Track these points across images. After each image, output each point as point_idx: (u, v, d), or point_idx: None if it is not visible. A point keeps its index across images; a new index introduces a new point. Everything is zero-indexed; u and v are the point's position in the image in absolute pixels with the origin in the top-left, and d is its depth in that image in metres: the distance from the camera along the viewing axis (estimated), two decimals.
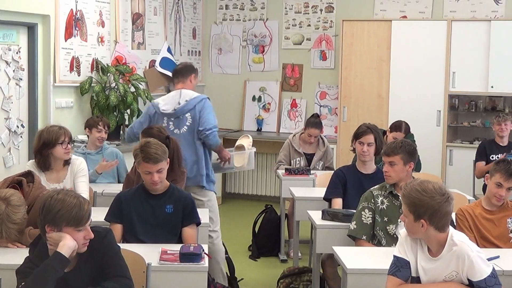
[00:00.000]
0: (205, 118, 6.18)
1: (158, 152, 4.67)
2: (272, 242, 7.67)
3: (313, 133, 7.88)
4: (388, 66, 9.52)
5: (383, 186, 5.03)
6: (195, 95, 6.30)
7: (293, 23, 10.55)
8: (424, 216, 3.61)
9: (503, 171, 4.89)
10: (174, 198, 4.77)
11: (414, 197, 3.64)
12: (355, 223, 4.95)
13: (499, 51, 9.02)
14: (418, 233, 3.68)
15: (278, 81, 10.68)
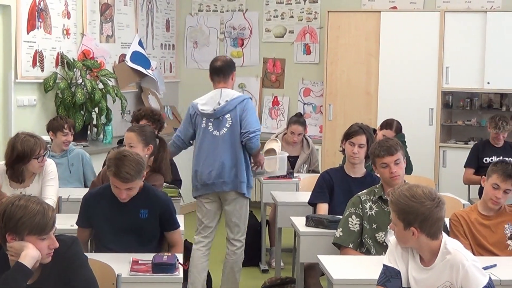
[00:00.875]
0: (248, 120, 6.17)
1: (130, 172, 4.53)
2: (252, 251, 7.65)
3: (297, 130, 7.90)
4: (376, 61, 9.55)
5: (371, 190, 5.03)
6: (237, 95, 6.32)
7: (275, 15, 10.56)
8: (414, 223, 3.63)
9: (500, 172, 4.92)
10: (150, 202, 4.70)
11: (403, 203, 3.65)
12: (341, 230, 4.95)
13: (496, 44, 9.07)
14: (409, 241, 3.70)
15: (259, 77, 10.69)
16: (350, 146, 5.70)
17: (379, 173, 5.06)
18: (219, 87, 6.43)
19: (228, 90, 6.38)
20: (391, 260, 3.79)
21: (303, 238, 5.28)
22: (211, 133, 6.20)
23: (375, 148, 5.07)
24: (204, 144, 6.26)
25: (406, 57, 9.41)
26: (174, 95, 10.78)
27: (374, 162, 5.07)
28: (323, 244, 5.15)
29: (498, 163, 5.06)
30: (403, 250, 3.77)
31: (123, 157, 4.58)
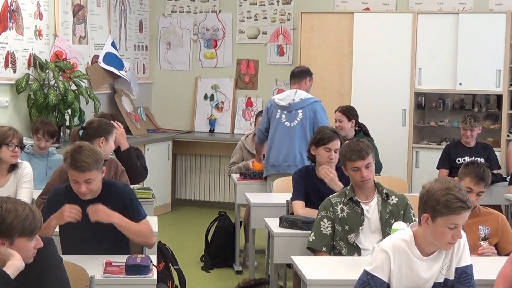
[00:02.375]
0: (323, 121, 7.26)
1: (87, 160, 4.45)
2: (226, 252, 7.67)
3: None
4: (350, 62, 9.57)
5: (342, 192, 5.03)
6: (309, 96, 7.46)
7: (248, 16, 10.56)
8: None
9: (473, 175, 4.93)
10: (112, 197, 4.61)
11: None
12: (314, 234, 4.93)
13: (468, 45, 9.12)
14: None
15: (232, 78, 10.68)
16: (327, 152, 5.72)
17: (349, 176, 5.03)
18: (294, 88, 7.54)
19: (302, 91, 7.47)
20: (378, 270, 3.76)
21: (276, 239, 5.28)
22: (283, 124, 7.36)
23: (346, 151, 5.03)
24: (274, 132, 7.38)
25: (379, 58, 9.44)
26: (147, 96, 10.75)
27: (344, 165, 5.05)
28: (297, 245, 5.15)
29: (469, 165, 5.07)
30: (396, 256, 3.77)
31: (79, 148, 4.53)
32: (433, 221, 3.68)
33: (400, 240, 3.80)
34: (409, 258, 3.76)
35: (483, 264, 4.50)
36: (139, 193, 5.97)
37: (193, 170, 10.66)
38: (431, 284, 3.80)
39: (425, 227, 3.72)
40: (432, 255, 3.79)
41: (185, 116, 10.83)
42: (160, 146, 9.96)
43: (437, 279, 3.82)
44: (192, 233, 8.96)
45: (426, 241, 3.76)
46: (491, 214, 5.07)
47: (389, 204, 4.92)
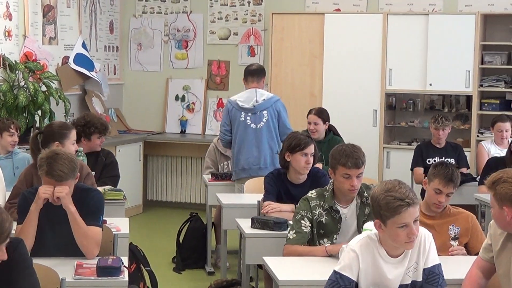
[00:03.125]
0: (285, 120, 7.41)
1: (64, 170, 4.41)
2: (197, 253, 7.66)
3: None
4: (321, 63, 9.60)
5: (321, 195, 4.95)
6: (271, 95, 7.55)
7: (219, 17, 10.55)
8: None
9: (442, 177, 4.96)
10: (82, 203, 4.55)
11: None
12: (295, 232, 4.86)
13: (438, 46, 9.18)
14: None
15: (203, 79, 10.67)
16: (303, 157, 5.71)
17: (336, 181, 4.90)
18: (253, 87, 7.49)
19: (262, 90, 7.51)
20: (347, 269, 3.77)
21: (248, 240, 5.29)
22: (249, 126, 7.36)
23: (341, 155, 4.86)
24: (241, 135, 7.35)
25: (350, 59, 9.47)
26: (118, 98, 10.71)
27: (334, 168, 4.89)
28: (269, 246, 5.16)
29: (437, 166, 5.09)
30: (367, 255, 3.79)
31: (55, 155, 4.46)
32: (384, 225, 3.72)
33: (367, 240, 3.83)
34: (376, 258, 3.79)
35: (453, 263, 4.53)
36: (110, 194, 5.95)
37: (164, 171, 10.64)
38: (397, 285, 3.82)
39: (381, 232, 3.75)
40: (398, 257, 3.81)
41: (156, 117, 10.81)
42: (131, 147, 9.93)
43: (404, 281, 3.84)
44: (164, 234, 8.94)
45: (388, 244, 3.80)
46: (461, 214, 5.10)
47: (368, 207, 4.88)
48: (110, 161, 6.68)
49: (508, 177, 3.80)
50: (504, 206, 3.79)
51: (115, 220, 5.29)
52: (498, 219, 3.87)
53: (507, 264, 3.92)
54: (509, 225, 3.83)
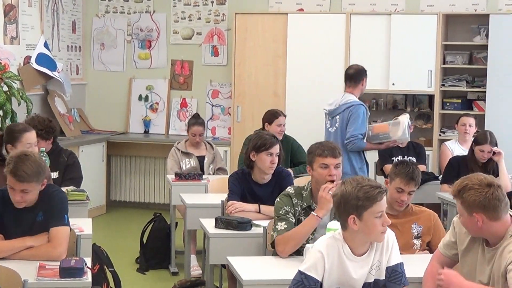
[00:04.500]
0: (350, 125, 7.28)
1: (28, 171, 4.38)
2: (161, 254, 7.64)
3: (197, 131, 8.03)
4: (284, 62, 9.62)
5: (299, 194, 4.90)
6: (351, 101, 7.33)
7: (182, 16, 10.53)
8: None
9: (403, 175, 5.00)
10: (46, 207, 4.54)
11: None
12: (285, 223, 4.74)
13: (400, 46, 9.23)
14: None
15: (167, 79, 10.64)
16: (268, 157, 5.71)
17: (315, 175, 4.88)
18: (347, 91, 7.51)
19: (349, 94, 7.41)
20: (312, 269, 3.78)
21: (212, 240, 5.28)
22: (327, 129, 7.52)
23: (317, 147, 4.91)
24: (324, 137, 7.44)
25: (313, 58, 9.50)
26: (81, 98, 10.65)
27: (312, 162, 4.89)
28: (233, 246, 5.16)
29: (398, 165, 5.14)
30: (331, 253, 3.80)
31: (24, 156, 4.46)
32: (360, 219, 3.73)
33: (332, 239, 3.84)
34: (341, 257, 3.80)
35: (416, 262, 4.56)
36: (73, 195, 5.92)
37: (128, 171, 10.60)
38: (361, 284, 3.84)
39: (354, 229, 3.76)
40: (362, 256, 3.83)
41: (120, 117, 10.76)
42: (94, 148, 9.88)
43: (368, 279, 3.86)
44: (127, 234, 8.91)
45: (356, 241, 3.82)
46: (423, 213, 5.14)
47: None
48: (73, 162, 6.63)
49: (474, 184, 3.84)
50: (474, 213, 3.82)
51: (78, 221, 5.25)
52: (469, 226, 3.90)
53: (473, 264, 3.96)
54: (481, 230, 3.87)
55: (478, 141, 7.29)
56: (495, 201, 3.79)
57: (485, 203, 3.79)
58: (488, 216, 3.80)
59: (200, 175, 7.42)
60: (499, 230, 3.84)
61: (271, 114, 8.04)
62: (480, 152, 7.24)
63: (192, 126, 8.06)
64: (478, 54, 9.29)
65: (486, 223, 3.82)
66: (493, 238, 3.87)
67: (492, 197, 3.79)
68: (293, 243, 4.62)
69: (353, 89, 7.43)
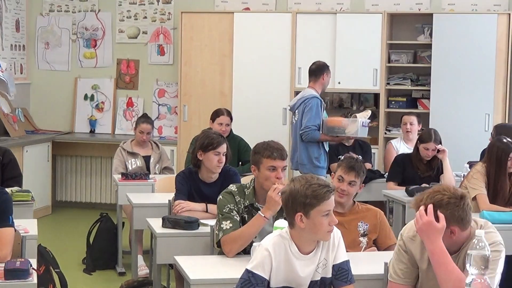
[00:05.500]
0: (304, 117, 7.70)
1: None
2: (108, 254, 7.59)
3: (146, 128, 8.00)
4: (230, 61, 9.62)
5: (241, 192, 4.89)
6: (306, 94, 7.81)
7: (128, 15, 10.47)
8: None
9: (344, 165, 5.09)
10: None
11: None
12: (230, 222, 4.72)
13: (345, 45, 9.29)
14: None
15: (113, 78, 10.57)
16: (215, 156, 5.71)
17: (261, 176, 4.84)
18: (308, 86, 7.97)
19: (308, 89, 7.90)
20: (259, 267, 3.77)
21: (159, 240, 5.26)
22: (294, 124, 7.96)
23: (266, 149, 4.85)
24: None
25: (259, 57, 9.52)
26: (25, 97, 10.53)
27: (259, 163, 4.85)
28: (180, 245, 5.15)
29: (344, 158, 5.24)
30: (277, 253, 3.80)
31: None
32: (307, 217, 3.74)
33: (279, 238, 3.85)
34: (288, 256, 3.81)
35: (362, 259, 4.60)
36: (17, 195, 5.85)
37: (73, 171, 10.51)
38: (308, 283, 3.86)
39: (301, 226, 3.77)
40: (309, 254, 3.85)
41: (65, 117, 10.67)
42: (39, 148, 9.78)
43: (314, 277, 3.88)
44: (74, 235, 8.84)
45: (302, 240, 3.83)
46: (369, 211, 5.18)
47: None
48: (9, 160, 6.48)
49: (449, 197, 3.76)
50: (451, 226, 3.75)
51: (23, 222, 5.19)
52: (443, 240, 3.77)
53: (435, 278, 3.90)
54: (452, 242, 3.80)
55: (423, 139, 7.37)
56: (468, 212, 3.76)
57: (462, 216, 3.74)
58: (461, 227, 3.77)
59: (146, 174, 7.39)
60: (464, 238, 3.81)
61: (214, 112, 8.07)
62: (424, 150, 7.32)
63: (142, 124, 8.03)
64: (422, 53, 9.40)
65: (458, 234, 3.78)
66: (455, 246, 3.83)
67: (467, 208, 3.75)
68: (240, 243, 4.62)
69: (314, 84, 7.90)
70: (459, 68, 9.07)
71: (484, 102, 9.04)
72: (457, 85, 9.09)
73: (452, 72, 9.09)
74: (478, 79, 9.04)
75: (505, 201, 6.26)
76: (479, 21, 9.12)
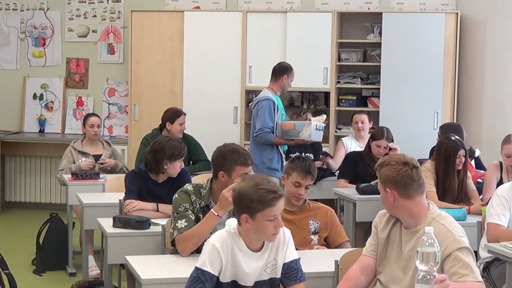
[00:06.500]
0: (258, 120, 7.67)
1: None
2: (59, 255, 7.54)
3: (95, 121, 7.95)
4: (181, 60, 9.60)
5: (197, 193, 4.84)
6: (261, 96, 7.76)
7: (77, 14, 10.39)
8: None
9: (300, 170, 5.07)
10: None
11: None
12: (185, 221, 4.69)
13: (296, 44, 9.33)
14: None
15: (62, 77, 10.49)
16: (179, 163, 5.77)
17: (230, 183, 4.68)
18: (267, 87, 7.88)
19: (265, 90, 7.82)
20: (208, 264, 3.77)
21: (110, 239, 5.23)
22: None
23: (238, 155, 4.75)
24: None
25: (210, 56, 9.51)
26: None
27: (231, 170, 4.73)
28: (131, 245, 5.13)
29: (294, 160, 5.21)
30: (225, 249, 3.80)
31: None
32: (252, 219, 3.75)
33: (227, 234, 3.85)
34: (235, 252, 3.81)
35: (313, 257, 4.62)
36: None
37: (23, 171, 10.41)
38: (253, 280, 3.84)
39: (246, 227, 3.78)
40: (258, 252, 3.85)
41: (14, 117, 10.55)
42: None
43: (262, 277, 3.87)
44: (23, 236, 8.76)
45: (249, 238, 3.84)
46: (320, 209, 5.20)
47: None
48: None
49: (392, 160, 3.93)
50: (388, 188, 3.90)
51: None
52: (383, 201, 3.96)
53: (391, 250, 3.97)
54: (394, 208, 3.92)
55: (375, 136, 7.43)
56: (407, 179, 3.85)
57: (397, 179, 3.86)
58: (399, 193, 3.86)
59: (97, 174, 7.35)
60: (413, 210, 3.89)
61: (173, 113, 7.98)
62: (376, 148, 7.37)
63: (90, 117, 8.00)
64: (372, 52, 9.47)
65: (398, 201, 3.87)
66: (408, 219, 3.91)
67: (405, 175, 3.85)
68: (194, 242, 4.58)
69: (273, 84, 7.81)
70: (408, 66, 9.16)
71: (433, 100, 9.13)
72: (407, 84, 9.17)
73: (401, 70, 9.17)
74: (427, 78, 9.13)
75: (454, 198, 6.34)
76: (427, 20, 9.22)
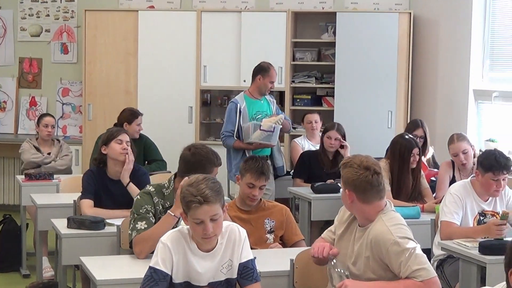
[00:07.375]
0: (224, 123, 7.75)
1: None
2: (12, 256, 7.47)
3: (49, 121, 7.91)
4: (135, 60, 9.56)
5: (160, 193, 4.83)
6: (233, 98, 7.85)
7: (30, 13, 10.30)
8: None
9: (253, 170, 5.07)
10: None
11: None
12: (145, 223, 4.65)
13: (251, 43, 9.34)
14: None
15: (15, 77, 10.39)
16: (118, 144, 5.71)
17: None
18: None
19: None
20: (160, 263, 3.75)
21: (65, 240, 5.20)
22: None
23: (212, 156, 4.86)
24: None
25: (165, 56, 9.49)
26: None
27: (209, 170, 4.73)
28: (86, 245, 5.10)
29: (248, 160, 5.21)
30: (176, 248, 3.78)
31: None
32: (187, 219, 3.76)
33: (178, 233, 3.83)
34: (186, 252, 3.79)
35: (268, 256, 4.64)
36: None
37: None
38: (207, 280, 3.82)
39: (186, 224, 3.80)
40: (209, 252, 3.82)
41: None
42: None
43: (218, 278, 3.85)
44: None
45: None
46: (275, 207, 5.22)
47: None
48: None
49: (354, 163, 3.94)
50: (347, 189, 3.94)
51: None
52: (343, 199, 4.02)
53: (346, 245, 4.02)
54: (351, 208, 3.98)
55: (326, 128, 7.50)
56: (366, 184, 3.88)
57: (357, 184, 3.89)
58: (357, 197, 3.90)
59: (51, 174, 7.28)
60: (369, 213, 3.93)
61: (131, 114, 7.92)
62: (327, 139, 7.40)
63: (45, 117, 7.97)
64: (326, 51, 9.51)
65: (355, 203, 3.92)
66: (363, 219, 3.96)
67: (364, 180, 3.88)
68: (151, 243, 4.41)
69: (251, 86, 7.82)
70: (363, 66, 9.21)
71: (387, 99, 9.20)
72: (361, 83, 9.23)
73: (355, 70, 9.22)
74: (381, 77, 9.20)
75: (408, 197, 6.40)
76: (381, 19, 9.28)
